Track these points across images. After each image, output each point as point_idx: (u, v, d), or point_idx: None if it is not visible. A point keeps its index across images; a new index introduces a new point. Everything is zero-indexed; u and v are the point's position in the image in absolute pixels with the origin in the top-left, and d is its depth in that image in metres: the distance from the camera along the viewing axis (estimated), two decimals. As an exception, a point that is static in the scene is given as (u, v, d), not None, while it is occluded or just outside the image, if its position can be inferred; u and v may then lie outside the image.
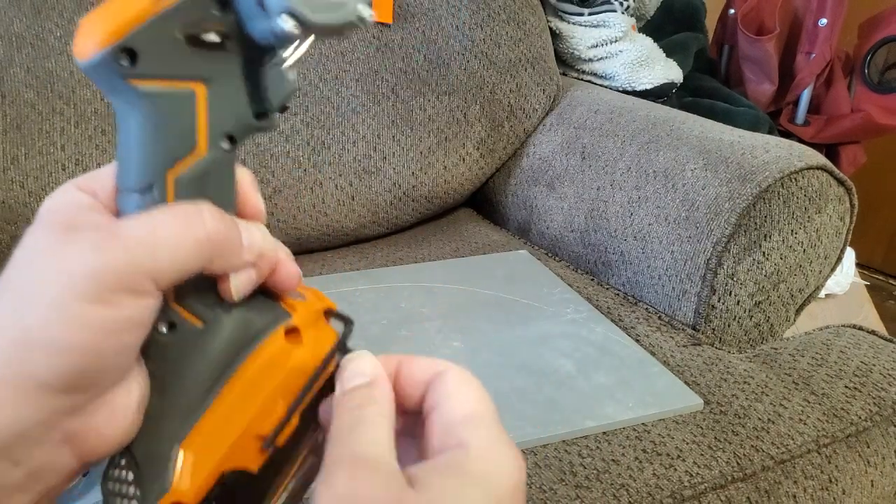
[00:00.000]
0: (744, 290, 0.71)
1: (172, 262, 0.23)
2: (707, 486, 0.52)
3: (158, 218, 0.24)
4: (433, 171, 0.93)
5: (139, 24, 0.23)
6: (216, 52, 0.25)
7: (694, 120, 0.86)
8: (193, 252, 0.24)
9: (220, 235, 0.24)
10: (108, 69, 0.24)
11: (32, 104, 0.73)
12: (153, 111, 0.24)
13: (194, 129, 0.25)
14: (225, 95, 0.26)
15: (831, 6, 1.34)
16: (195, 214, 0.24)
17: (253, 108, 0.27)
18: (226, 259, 0.25)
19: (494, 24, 0.96)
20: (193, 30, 0.24)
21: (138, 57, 0.24)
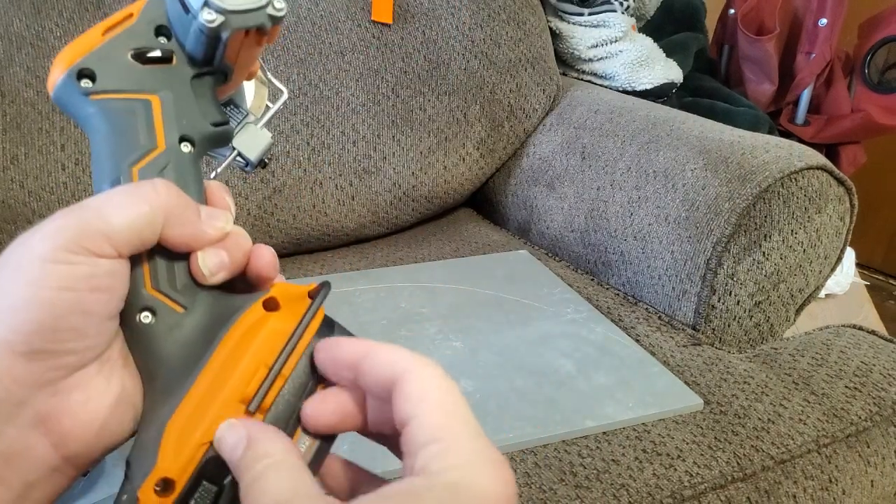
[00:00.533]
0: (744, 290, 0.71)
1: (123, 222, 0.25)
2: (707, 486, 0.52)
3: (114, 190, 0.26)
4: (433, 171, 0.93)
5: (91, 50, 0.29)
6: (165, 68, 0.30)
7: (694, 120, 0.86)
8: (144, 215, 0.25)
9: (172, 202, 0.26)
10: (71, 90, 0.28)
11: (32, 103, 0.73)
12: (114, 118, 0.28)
13: (152, 129, 0.29)
14: (177, 104, 0.30)
15: (831, 6, 1.34)
16: (147, 185, 0.26)
17: (208, 117, 0.30)
18: (182, 227, 0.26)
19: (494, 24, 0.96)
20: (139, 49, 0.29)
21: (96, 76, 0.28)
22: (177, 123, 0.29)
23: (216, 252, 0.28)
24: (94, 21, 0.76)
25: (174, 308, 0.27)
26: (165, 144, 0.29)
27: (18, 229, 0.72)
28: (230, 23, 0.28)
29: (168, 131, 0.29)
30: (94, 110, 0.28)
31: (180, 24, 0.29)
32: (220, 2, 0.28)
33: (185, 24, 0.29)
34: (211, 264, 0.27)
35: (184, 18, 0.29)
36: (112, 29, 0.29)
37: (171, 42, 0.30)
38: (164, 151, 0.29)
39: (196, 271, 0.27)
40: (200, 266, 0.27)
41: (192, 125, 0.30)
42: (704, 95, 1.38)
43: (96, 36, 0.29)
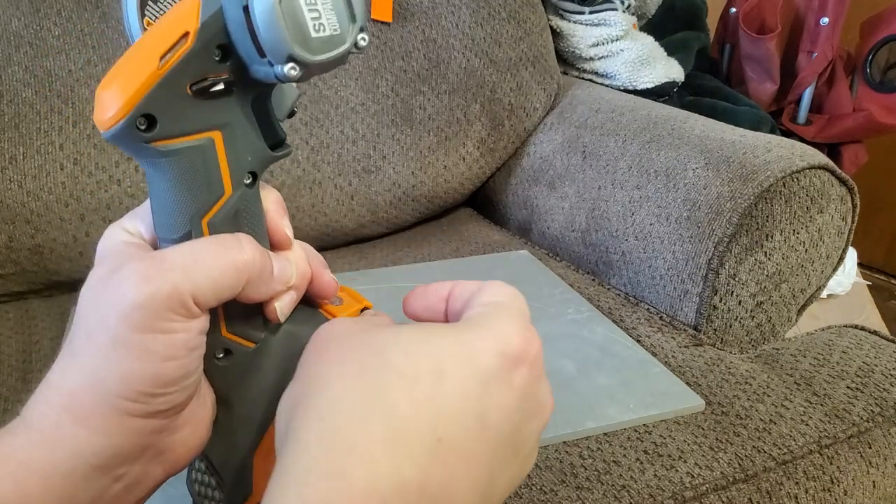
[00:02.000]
0: (745, 290, 0.71)
1: (213, 283, 0.25)
2: (708, 487, 0.52)
3: (199, 245, 0.26)
4: (433, 170, 0.93)
5: (150, 89, 0.25)
6: (225, 99, 0.26)
7: (695, 119, 0.86)
8: (232, 274, 0.26)
9: (257, 261, 0.27)
10: (130, 136, 0.25)
11: (31, 103, 0.72)
12: (178, 167, 0.26)
13: (219, 175, 0.27)
14: (240, 136, 0.27)
15: (833, 5, 1.34)
16: (233, 240, 0.26)
17: (267, 141, 0.28)
18: (259, 285, 0.27)
19: (495, 23, 0.95)
20: (201, 84, 0.25)
21: (157, 120, 0.25)
22: (241, 160, 0.27)
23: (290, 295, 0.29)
24: (93, 21, 0.76)
25: (246, 345, 0.29)
26: (232, 188, 0.27)
27: (16, 229, 0.71)
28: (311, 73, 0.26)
29: (234, 172, 0.27)
30: (156, 157, 0.26)
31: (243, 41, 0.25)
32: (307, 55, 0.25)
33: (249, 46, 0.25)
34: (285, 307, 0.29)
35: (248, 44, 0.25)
36: (169, 55, 0.25)
37: (230, 62, 0.26)
38: (232, 196, 0.27)
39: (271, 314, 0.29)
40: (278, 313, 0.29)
41: (254, 157, 0.28)
42: (706, 94, 1.38)
43: (152, 66, 0.25)
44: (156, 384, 0.25)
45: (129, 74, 0.25)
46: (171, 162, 0.26)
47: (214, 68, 0.25)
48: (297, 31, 0.24)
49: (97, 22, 0.76)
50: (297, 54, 0.24)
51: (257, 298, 0.28)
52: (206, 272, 0.25)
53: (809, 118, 1.46)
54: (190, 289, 0.24)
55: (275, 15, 0.24)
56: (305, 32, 0.24)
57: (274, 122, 0.29)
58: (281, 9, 0.24)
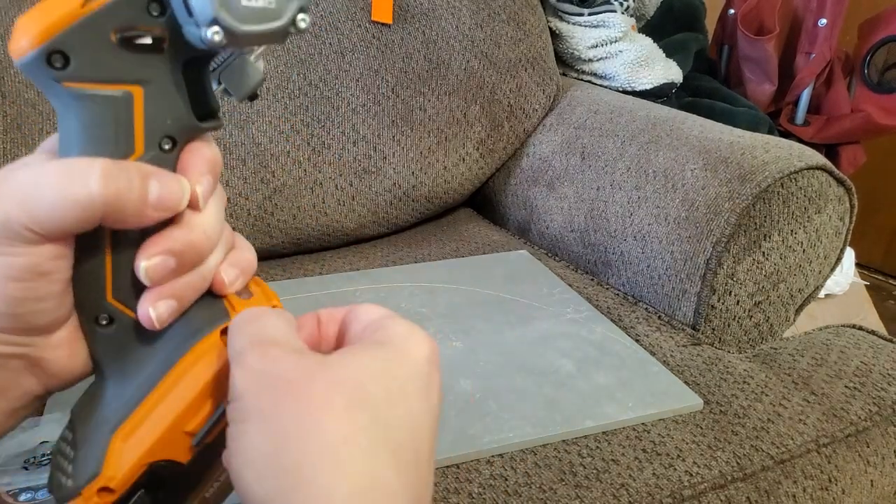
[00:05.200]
0: (743, 290, 0.71)
1: (51, 215, 0.23)
2: (707, 485, 0.52)
3: (47, 170, 0.24)
4: (433, 171, 0.93)
5: (69, 25, 0.23)
6: (152, 55, 0.25)
7: (694, 120, 0.86)
8: (74, 208, 0.23)
9: (109, 194, 0.24)
10: (40, 70, 0.23)
11: (33, 104, 0.73)
12: (88, 114, 0.24)
13: (131, 131, 0.25)
14: (163, 98, 0.25)
15: (831, 6, 1.34)
16: (82, 171, 0.24)
17: (196, 110, 0.26)
18: (124, 214, 0.24)
19: (494, 24, 0.96)
20: (127, 32, 0.24)
21: (70, 60, 0.23)
22: (160, 122, 0.25)
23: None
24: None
25: (131, 316, 0.27)
26: (144, 148, 0.25)
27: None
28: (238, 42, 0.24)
29: (149, 133, 0.25)
30: (66, 99, 0.24)
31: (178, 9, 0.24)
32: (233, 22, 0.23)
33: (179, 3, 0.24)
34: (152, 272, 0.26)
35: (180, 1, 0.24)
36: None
37: (164, 17, 0.24)
38: (142, 156, 0.25)
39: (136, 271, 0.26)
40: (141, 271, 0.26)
41: (177, 122, 0.26)
42: (704, 95, 1.38)
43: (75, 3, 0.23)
44: (2, 302, 0.24)
45: (51, 7, 0.23)
46: (81, 107, 0.24)
47: (147, 21, 0.24)
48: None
49: None
50: (222, 19, 0.23)
51: (130, 226, 0.25)
52: (46, 203, 0.23)
53: (807, 119, 1.46)
54: (25, 219, 0.23)
55: None
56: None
57: (207, 93, 0.27)
58: None
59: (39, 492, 0.46)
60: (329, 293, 0.73)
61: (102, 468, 0.26)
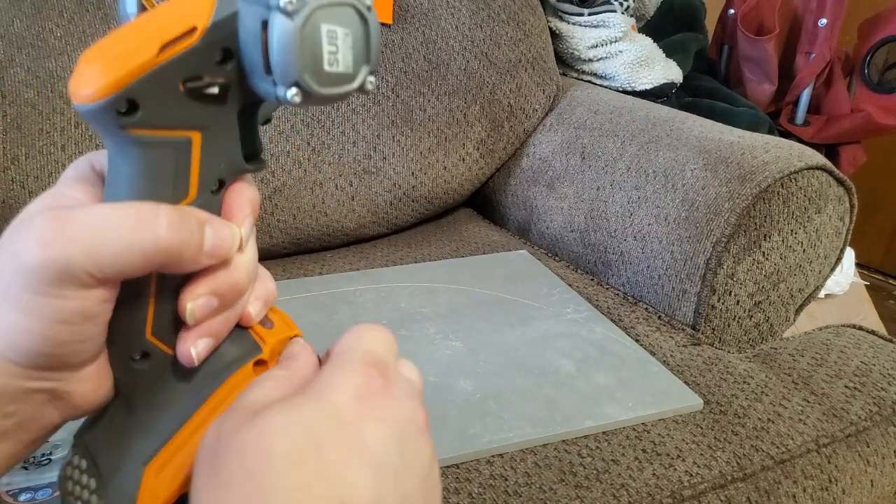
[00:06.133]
0: (743, 290, 0.71)
1: (115, 261, 0.23)
2: (707, 485, 0.52)
3: (113, 214, 0.23)
4: (433, 171, 0.93)
5: (142, 74, 0.23)
6: (215, 104, 0.25)
7: (694, 120, 0.86)
8: (138, 255, 0.23)
9: (174, 244, 0.24)
10: (106, 117, 0.23)
11: (33, 104, 0.73)
12: (147, 159, 0.24)
13: (187, 176, 0.25)
14: (219, 142, 0.25)
15: (831, 6, 1.34)
16: (149, 219, 0.24)
17: (245, 151, 0.27)
18: (181, 262, 0.25)
19: (494, 25, 0.96)
20: (195, 82, 0.24)
21: (139, 107, 0.23)
22: (213, 166, 0.26)
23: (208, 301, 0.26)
24: (94, 22, 0.76)
25: (166, 352, 0.27)
26: (198, 192, 0.25)
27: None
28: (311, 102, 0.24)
29: (203, 177, 0.25)
30: (125, 143, 0.24)
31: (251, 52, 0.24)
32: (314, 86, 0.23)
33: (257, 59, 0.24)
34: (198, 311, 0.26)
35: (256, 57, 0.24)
36: (171, 46, 0.23)
37: (230, 66, 0.24)
38: (194, 200, 0.25)
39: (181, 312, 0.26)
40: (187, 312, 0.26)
41: (227, 165, 0.26)
42: (704, 95, 1.38)
43: (150, 52, 0.23)
44: (45, 343, 0.23)
45: (122, 54, 0.23)
46: (141, 151, 0.24)
47: (213, 70, 0.24)
48: (311, 61, 0.23)
49: (99, 23, 0.77)
50: (305, 82, 0.23)
51: (183, 272, 0.25)
52: (111, 249, 0.23)
53: (807, 119, 1.46)
54: (88, 265, 0.23)
55: (294, 39, 0.23)
56: (319, 63, 0.23)
57: (255, 134, 0.27)
58: (301, 35, 0.23)
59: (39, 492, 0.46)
60: (329, 293, 0.73)
61: (137, 502, 0.26)
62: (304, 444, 0.23)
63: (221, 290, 0.26)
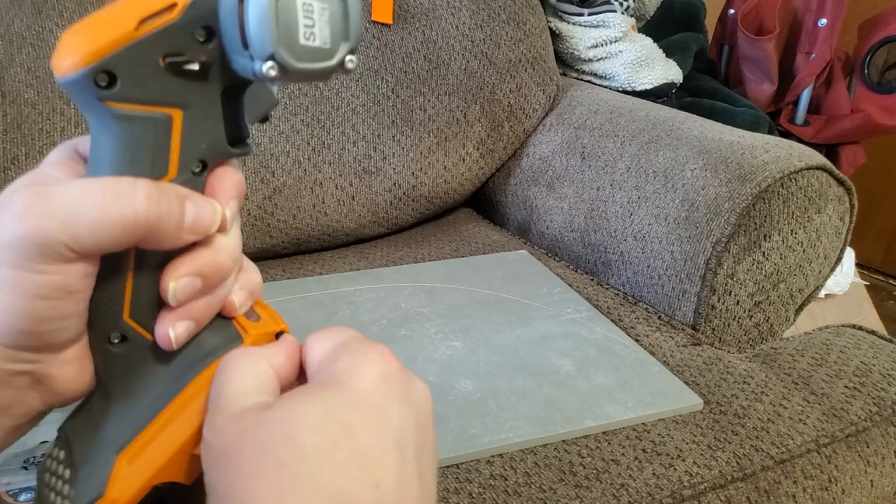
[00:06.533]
0: (743, 289, 0.71)
1: (93, 235, 0.23)
2: (707, 485, 0.52)
3: (90, 188, 0.23)
4: (433, 171, 0.93)
5: (120, 47, 0.23)
6: (196, 80, 0.25)
7: (694, 120, 0.86)
8: (116, 229, 0.23)
9: (152, 216, 0.24)
10: (84, 89, 0.23)
11: (33, 104, 0.73)
12: (127, 134, 0.24)
13: (167, 154, 0.25)
14: (201, 122, 0.25)
15: (831, 6, 1.34)
16: (128, 192, 0.24)
17: (228, 134, 0.27)
18: (161, 237, 0.25)
19: (494, 25, 0.96)
20: (175, 57, 0.24)
21: (117, 80, 0.23)
22: (196, 146, 0.26)
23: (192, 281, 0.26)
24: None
25: (145, 336, 0.26)
26: (178, 171, 0.25)
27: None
28: (289, 78, 0.24)
29: (184, 156, 0.25)
30: (105, 117, 0.24)
31: (230, 28, 0.24)
32: (290, 59, 0.24)
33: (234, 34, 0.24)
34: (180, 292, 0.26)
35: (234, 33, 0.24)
36: (149, 20, 0.23)
37: (212, 44, 0.25)
38: (174, 178, 0.25)
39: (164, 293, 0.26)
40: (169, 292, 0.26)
41: (211, 147, 0.26)
42: (704, 95, 1.38)
43: (128, 26, 0.23)
44: (27, 320, 0.23)
45: (101, 27, 0.23)
46: (121, 126, 0.24)
47: (194, 47, 0.24)
48: (286, 33, 0.23)
49: None
50: (280, 56, 0.23)
51: (164, 248, 0.25)
52: (89, 223, 0.23)
53: (807, 119, 1.46)
54: (66, 238, 0.23)
55: (268, 10, 0.23)
56: (294, 36, 0.24)
57: (240, 119, 0.27)
58: (276, 6, 0.23)
59: (39, 492, 0.46)
60: (329, 293, 0.73)
61: (107, 490, 0.25)
62: (336, 434, 0.23)
63: (204, 271, 0.26)
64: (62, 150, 0.27)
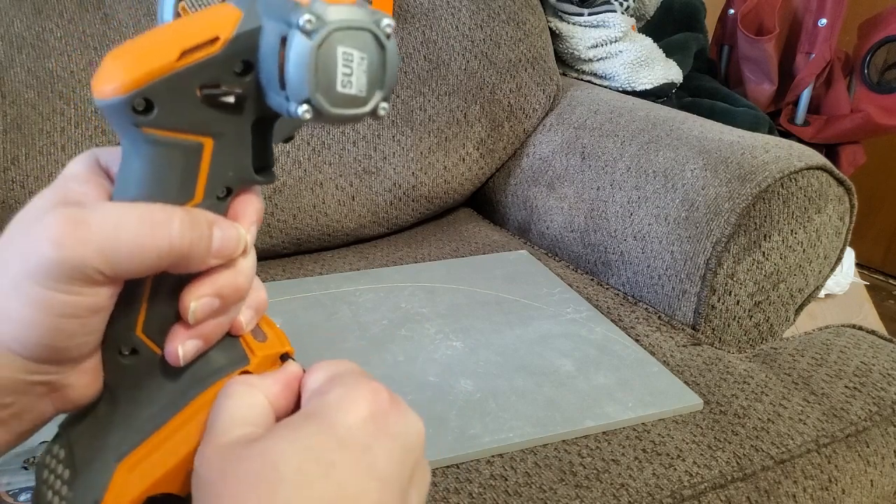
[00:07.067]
0: (743, 289, 0.71)
1: (129, 263, 0.24)
2: (707, 485, 0.52)
3: (127, 216, 0.24)
4: (433, 171, 0.93)
5: (161, 76, 0.24)
6: (230, 112, 0.26)
7: (693, 120, 0.86)
8: (152, 257, 0.24)
9: (185, 246, 0.25)
10: (122, 114, 0.24)
11: (33, 104, 0.73)
12: (158, 159, 0.25)
13: (195, 179, 0.26)
14: (230, 150, 0.26)
15: (831, 6, 1.34)
16: (164, 222, 0.24)
17: (255, 163, 0.27)
18: (189, 262, 0.25)
19: (494, 25, 0.96)
20: (212, 90, 0.25)
21: (154, 107, 0.24)
22: (223, 174, 0.26)
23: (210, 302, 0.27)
24: (94, 22, 0.77)
25: (155, 350, 0.27)
26: (204, 196, 0.26)
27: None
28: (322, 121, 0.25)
29: (210, 182, 0.26)
30: (139, 141, 0.25)
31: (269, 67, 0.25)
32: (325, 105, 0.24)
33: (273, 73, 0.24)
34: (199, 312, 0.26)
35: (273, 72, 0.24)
36: (191, 53, 0.24)
37: (248, 78, 0.25)
38: (200, 203, 0.26)
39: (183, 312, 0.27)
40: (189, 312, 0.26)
41: (237, 174, 0.27)
42: (704, 95, 1.38)
43: (171, 57, 0.24)
44: (53, 336, 0.24)
45: (144, 54, 0.24)
46: (153, 151, 0.25)
47: (231, 80, 0.25)
48: (324, 80, 0.24)
49: (99, 24, 0.77)
50: (316, 101, 0.24)
51: (189, 272, 0.26)
52: (126, 252, 0.24)
53: (807, 119, 1.46)
54: (101, 265, 0.23)
55: (309, 57, 0.23)
56: (332, 84, 0.24)
57: (269, 148, 0.28)
58: (317, 54, 0.23)
59: (39, 492, 0.46)
60: (329, 293, 0.74)
61: (104, 497, 0.26)
62: (315, 470, 0.23)
63: (224, 292, 0.27)
64: (84, 162, 0.28)
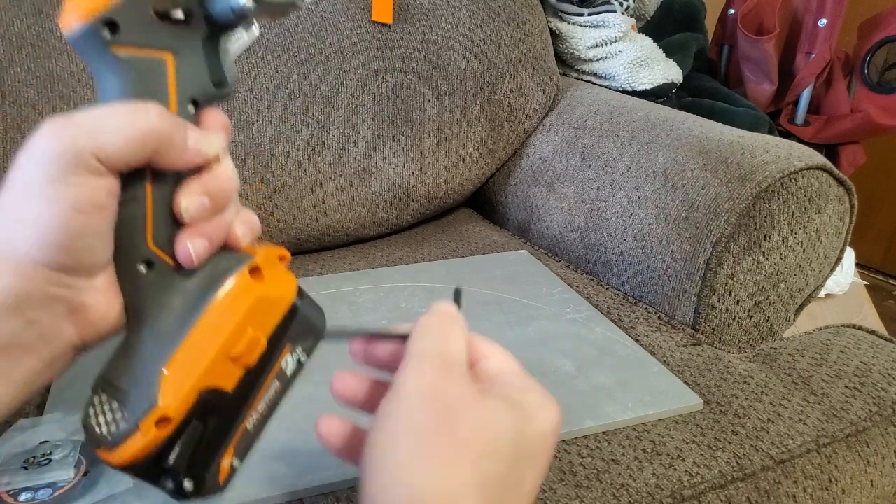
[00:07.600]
0: (743, 290, 0.71)
1: (116, 144, 0.27)
2: (707, 485, 0.52)
3: (111, 109, 0.28)
4: (433, 171, 0.93)
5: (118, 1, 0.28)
6: (182, 28, 0.30)
7: (694, 120, 0.86)
8: (136, 138, 0.27)
9: (164, 129, 0.28)
10: (92, 39, 0.28)
11: (33, 104, 0.73)
12: (131, 75, 0.29)
13: (166, 92, 0.29)
14: (189, 65, 0.30)
15: (831, 6, 1.34)
16: (142, 108, 0.28)
17: (212, 77, 0.31)
18: (171, 153, 0.28)
19: (494, 25, 0.96)
20: (163, 6, 0.29)
21: (119, 27, 0.28)
22: (188, 86, 0.30)
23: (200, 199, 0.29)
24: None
25: (168, 262, 0.30)
26: (177, 108, 0.29)
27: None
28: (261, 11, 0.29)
29: (180, 95, 0.30)
30: (112, 63, 0.28)
31: None
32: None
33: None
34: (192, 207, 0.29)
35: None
36: None
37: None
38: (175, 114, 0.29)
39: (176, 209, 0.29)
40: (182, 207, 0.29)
41: (199, 87, 0.30)
42: (704, 95, 1.38)
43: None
44: (62, 234, 0.26)
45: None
46: (126, 69, 0.28)
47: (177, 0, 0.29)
48: None
49: None
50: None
51: (174, 166, 0.29)
52: (111, 133, 0.27)
53: (807, 119, 1.46)
54: (92, 147, 0.26)
55: None
56: None
57: (221, 63, 0.32)
58: None
59: (39, 492, 0.46)
60: (329, 293, 0.74)
61: (158, 399, 0.28)
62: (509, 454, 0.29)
63: (210, 191, 0.30)
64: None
